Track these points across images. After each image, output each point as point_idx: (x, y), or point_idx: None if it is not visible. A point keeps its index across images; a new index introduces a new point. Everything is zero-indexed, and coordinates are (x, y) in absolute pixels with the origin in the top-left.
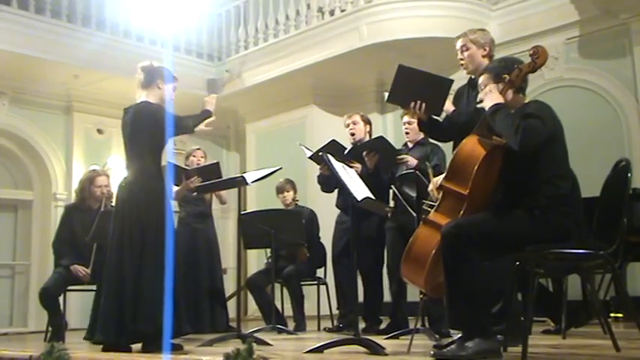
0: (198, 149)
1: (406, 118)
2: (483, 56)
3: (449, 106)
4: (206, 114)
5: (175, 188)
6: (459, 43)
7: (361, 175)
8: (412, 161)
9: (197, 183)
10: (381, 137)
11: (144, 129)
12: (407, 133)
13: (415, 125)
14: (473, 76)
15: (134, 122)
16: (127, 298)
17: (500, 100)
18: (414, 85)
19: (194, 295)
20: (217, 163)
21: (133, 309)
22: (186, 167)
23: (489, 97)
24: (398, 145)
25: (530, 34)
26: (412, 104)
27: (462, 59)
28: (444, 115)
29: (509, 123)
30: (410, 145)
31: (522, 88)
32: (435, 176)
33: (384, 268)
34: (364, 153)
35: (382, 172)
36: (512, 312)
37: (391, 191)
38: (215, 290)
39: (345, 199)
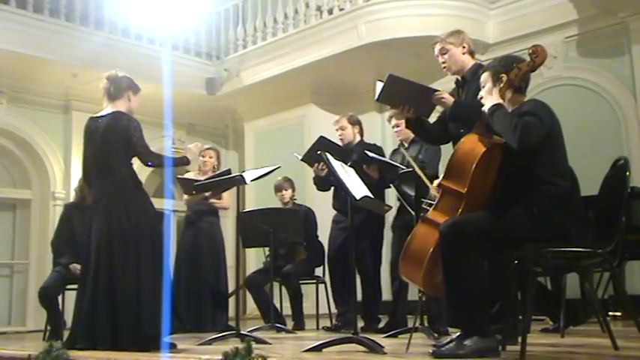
0: (210, 149)
1: (394, 121)
2: (464, 53)
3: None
4: (181, 162)
5: (185, 196)
6: (436, 49)
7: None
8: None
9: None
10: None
11: (122, 137)
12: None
13: (403, 126)
14: (459, 77)
15: (111, 130)
16: (124, 303)
17: (498, 100)
18: (403, 91)
19: (197, 294)
20: (229, 170)
21: (131, 313)
22: (199, 179)
23: (489, 97)
24: (394, 145)
25: (528, 33)
26: (401, 107)
27: (443, 62)
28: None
29: (507, 122)
30: (405, 144)
31: (522, 87)
32: (425, 175)
33: (381, 266)
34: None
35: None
36: (511, 310)
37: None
38: (218, 290)
39: (341, 200)
